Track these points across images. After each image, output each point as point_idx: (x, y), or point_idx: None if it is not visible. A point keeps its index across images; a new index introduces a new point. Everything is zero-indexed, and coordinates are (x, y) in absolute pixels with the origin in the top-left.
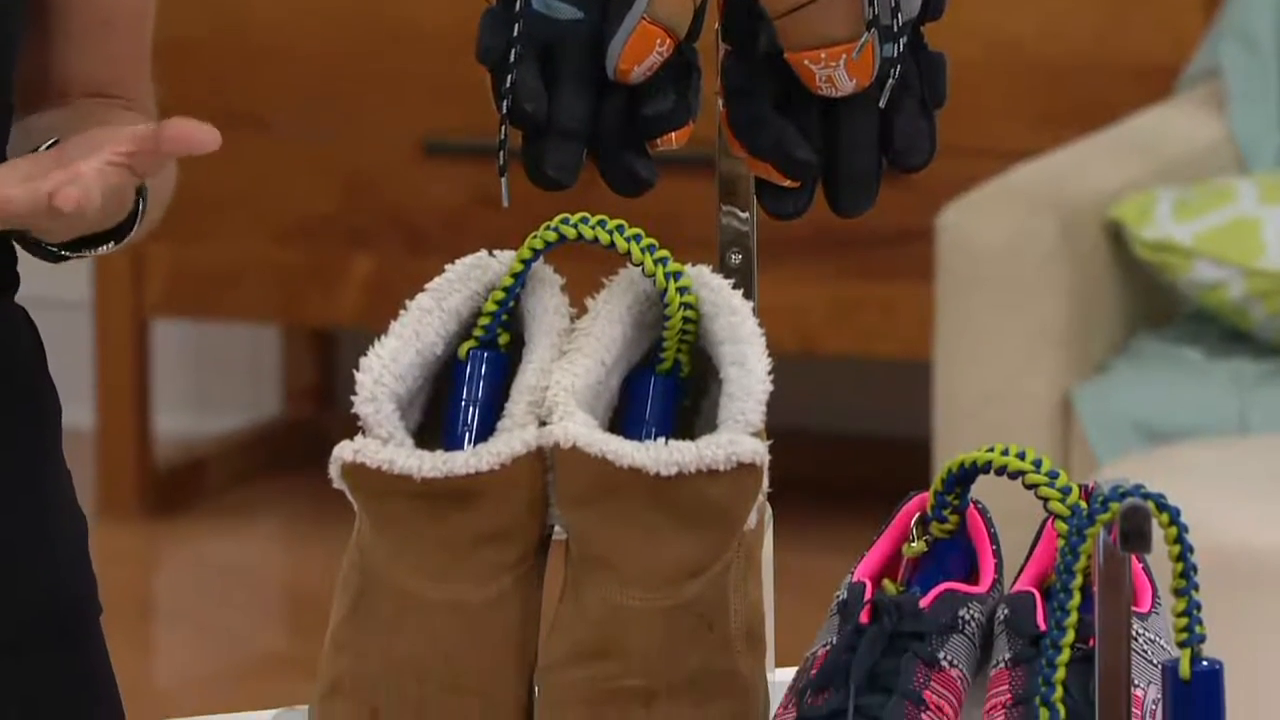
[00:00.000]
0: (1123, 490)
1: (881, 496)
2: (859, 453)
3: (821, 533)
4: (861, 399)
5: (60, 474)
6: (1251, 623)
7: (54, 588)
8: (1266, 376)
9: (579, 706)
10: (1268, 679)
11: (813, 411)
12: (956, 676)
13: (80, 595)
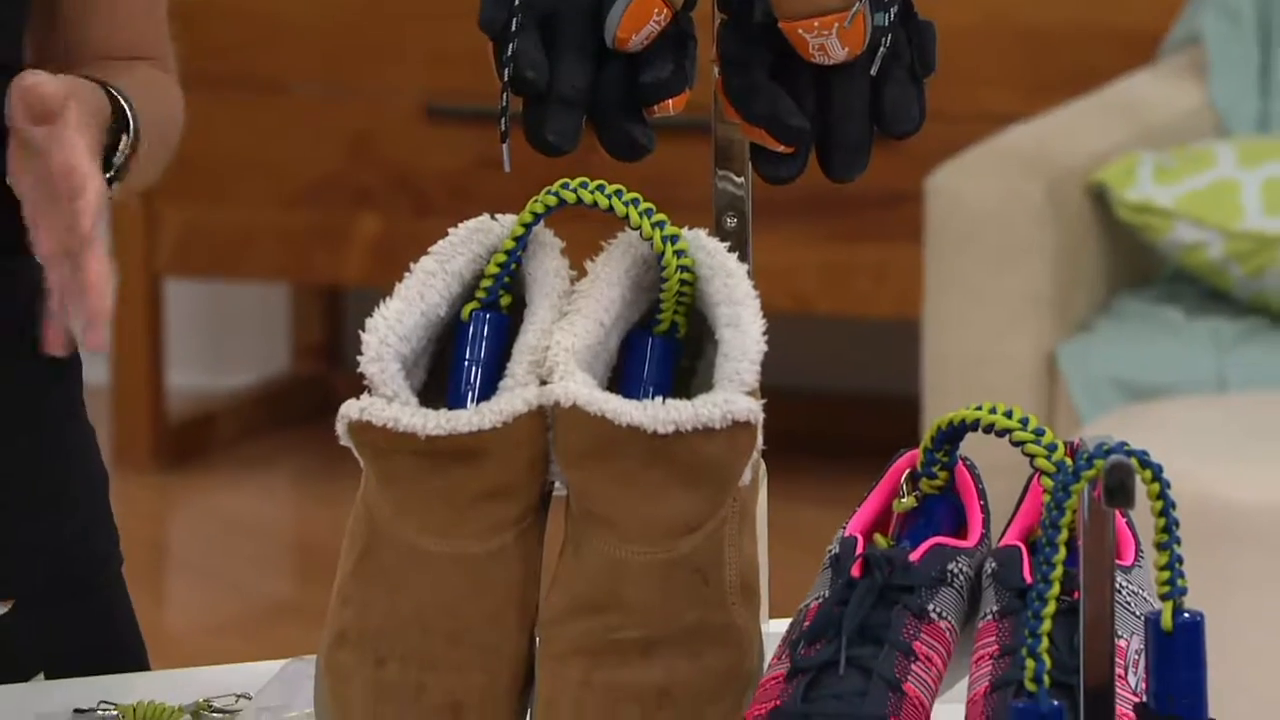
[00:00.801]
0: (1107, 448)
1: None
2: (850, 410)
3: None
4: (853, 358)
5: (84, 430)
6: (1229, 575)
7: (78, 541)
8: (1244, 335)
9: (579, 657)
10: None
11: (805, 370)
12: (945, 628)
13: (103, 548)
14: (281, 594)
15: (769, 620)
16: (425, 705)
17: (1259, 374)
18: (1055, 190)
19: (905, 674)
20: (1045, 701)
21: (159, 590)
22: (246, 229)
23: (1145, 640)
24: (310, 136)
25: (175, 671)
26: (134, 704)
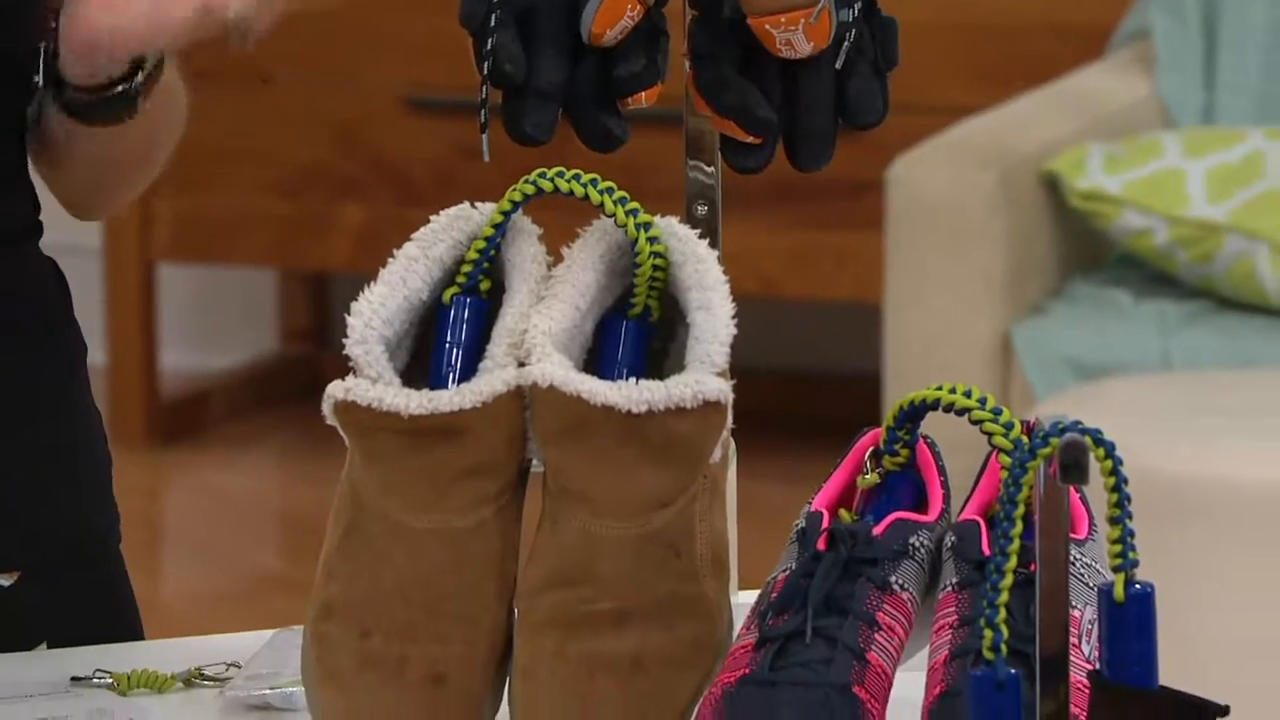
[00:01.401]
0: (1062, 426)
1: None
2: (815, 389)
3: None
4: (817, 339)
5: (89, 411)
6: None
7: (80, 518)
8: (1188, 318)
9: (555, 628)
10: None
11: (773, 351)
12: (907, 599)
13: (104, 526)
14: (270, 566)
15: (738, 592)
16: (408, 675)
17: (1202, 354)
18: (1009, 179)
19: (869, 643)
20: (1002, 669)
21: (153, 563)
22: (236, 216)
23: (1098, 610)
24: (297, 127)
25: (168, 641)
26: (128, 672)
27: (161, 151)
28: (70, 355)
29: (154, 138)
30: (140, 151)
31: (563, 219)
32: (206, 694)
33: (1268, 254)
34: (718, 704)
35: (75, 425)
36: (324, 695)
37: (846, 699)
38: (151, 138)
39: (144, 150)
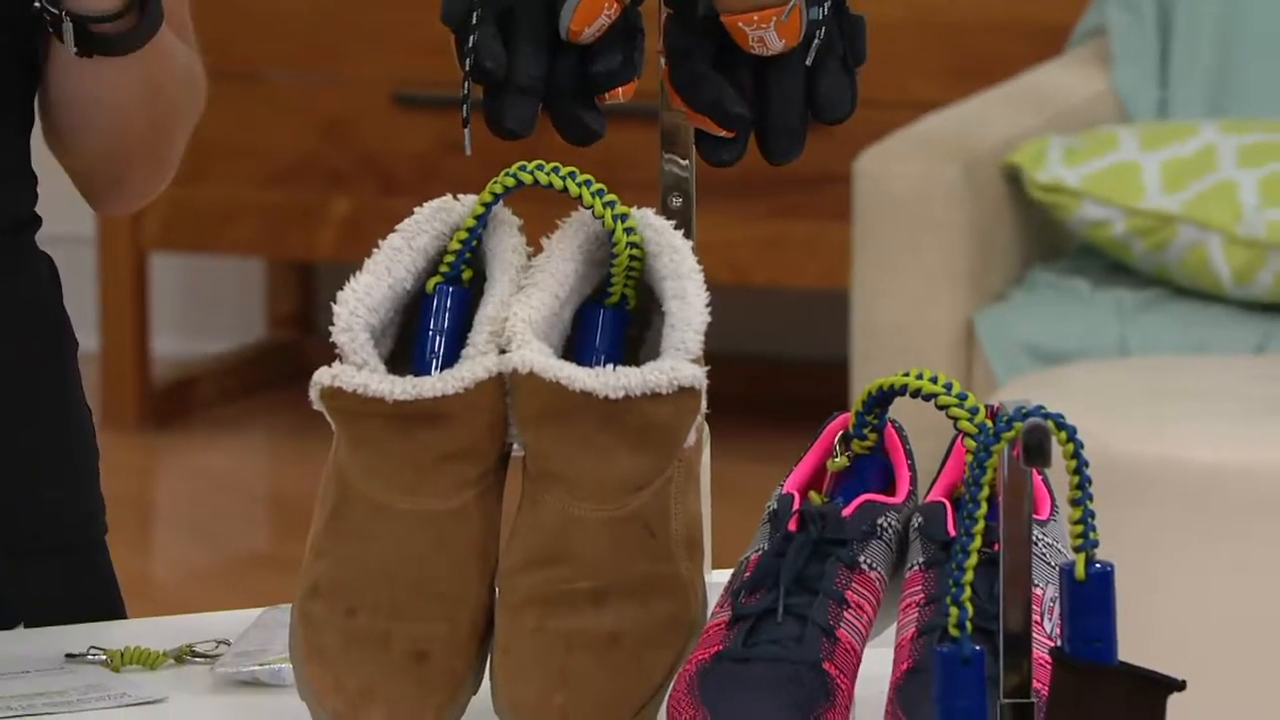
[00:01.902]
0: (1025, 411)
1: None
2: (786, 374)
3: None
4: (787, 326)
5: (79, 404)
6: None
7: (69, 504)
8: (1144, 305)
9: (535, 606)
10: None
11: (745, 338)
12: (875, 578)
13: (89, 514)
14: (258, 546)
15: (712, 571)
16: (392, 652)
17: (1158, 340)
18: (972, 171)
19: (838, 621)
20: (968, 646)
21: (145, 542)
22: (226, 207)
23: (1060, 589)
24: (285, 122)
25: (160, 619)
26: (121, 649)
27: (179, 127)
28: (61, 349)
29: (168, 110)
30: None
31: (542, 210)
32: (197, 670)
33: (1220, 243)
34: (692, 680)
35: (65, 417)
36: (311, 671)
37: (817, 675)
38: (165, 108)
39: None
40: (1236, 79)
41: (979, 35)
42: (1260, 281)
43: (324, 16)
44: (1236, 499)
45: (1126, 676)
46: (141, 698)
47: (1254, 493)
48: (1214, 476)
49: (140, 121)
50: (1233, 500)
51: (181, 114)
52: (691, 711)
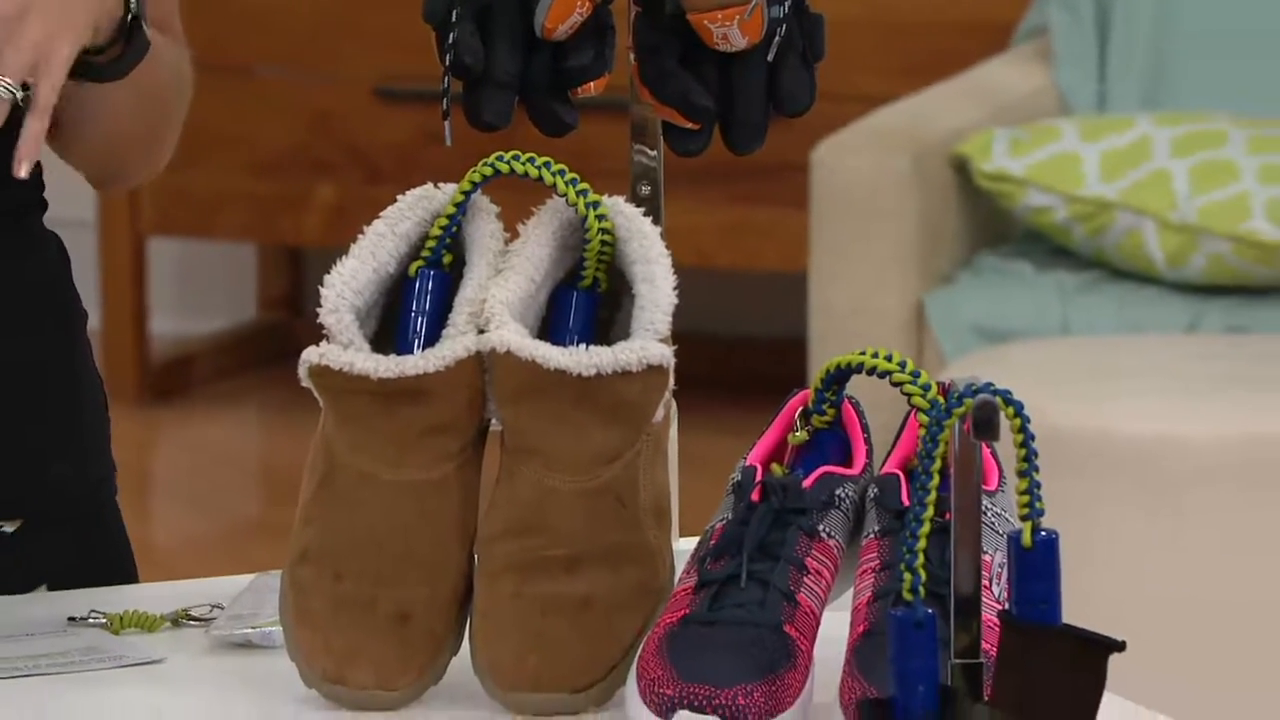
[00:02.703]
0: (975, 387)
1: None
2: (748, 353)
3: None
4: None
5: (90, 373)
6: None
7: (80, 470)
8: (1084, 287)
9: (512, 573)
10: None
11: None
12: (834, 546)
13: (101, 477)
14: (251, 513)
15: (679, 539)
16: (377, 615)
17: (1097, 320)
18: (922, 162)
19: (798, 586)
20: (920, 609)
21: (144, 511)
22: (220, 194)
23: (1007, 556)
24: (275, 115)
25: (157, 584)
26: (120, 613)
27: (170, 123)
28: (72, 322)
29: (160, 110)
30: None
31: (518, 198)
32: (193, 633)
33: (1154, 229)
34: (661, 642)
35: (77, 386)
36: (300, 633)
37: (778, 637)
38: (157, 110)
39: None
40: (1170, 75)
41: (928, 33)
42: (1192, 264)
43: (312, 15)
44: (1171, 468)
45: (1070, 638)
46: (139, 659)
47: (1187, 462)
48: (1150, 448)
49: (133, 125)
50: (1167, 470)
51: (172, 112)
52: (660, 672)
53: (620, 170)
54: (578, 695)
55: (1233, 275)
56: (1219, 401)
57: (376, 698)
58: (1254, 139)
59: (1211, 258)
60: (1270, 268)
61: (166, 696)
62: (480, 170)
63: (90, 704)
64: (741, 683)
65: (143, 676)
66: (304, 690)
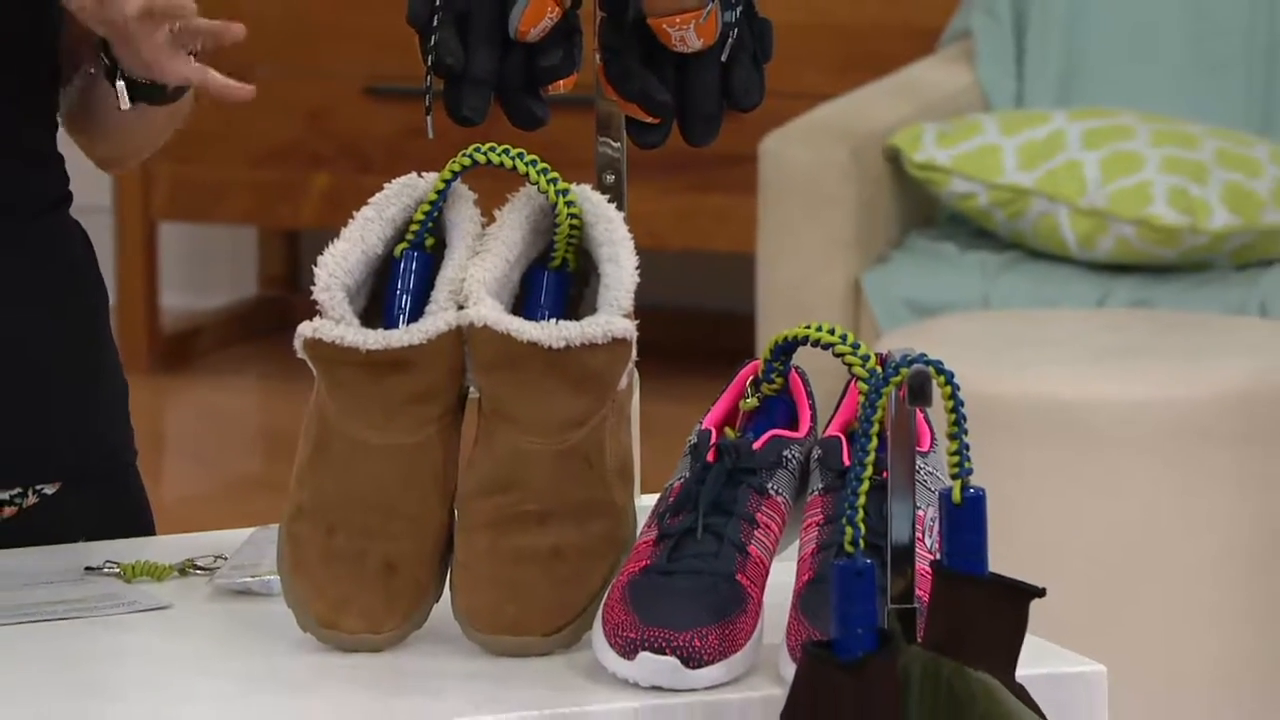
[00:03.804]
0: (910, 358)
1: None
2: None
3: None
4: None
5: (110, 348)
6: (998, 456)
7: (103, 435)
8: (1004, 265)
9: (489, 527)
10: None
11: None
12: (781, 502)
13: (122, 442)
14: (252, 471)
15: (641, 496)
16: (366, 566)
17: (1016, 295)
18: (859, 153)
19: (750, 539)
20: (860, 560)
21: (156, 470)
22: (223, 183)
23: (939, 511)
24: (273, 111)
25: (166, 537)
26: (133, 563)
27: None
28: (95, 303)
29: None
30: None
31: (494, 186)
32: (198, 581)
33: (1067, 214)
34: (624, 589)
35: (100, 359)
36: (296, 582)
37: (731, 585)
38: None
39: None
40: (1081, 74)
41: (864, 37)
42: (1101, 246)
43: (306, 20)
44: (1084, 429)
45: (996, 585)
46: (150, 605)
47: (1098, 423)
48: (1065, 411)
49: (156, 134)
50: (1081, 430)
51: (183, 118)
52: (623, 617)
53: (587, 161)
54: (549, 638)
55: (1137, 255)
56: (1126, 368)
57: (365, 640)
58: (1157, 133)
59: (1118, 240)
60: (1171, 249)
61: (174, 639)
62: (460, 161)
63: (105, 645)
64: (698, 626)
65: (153, 621)
66: (299, 634)
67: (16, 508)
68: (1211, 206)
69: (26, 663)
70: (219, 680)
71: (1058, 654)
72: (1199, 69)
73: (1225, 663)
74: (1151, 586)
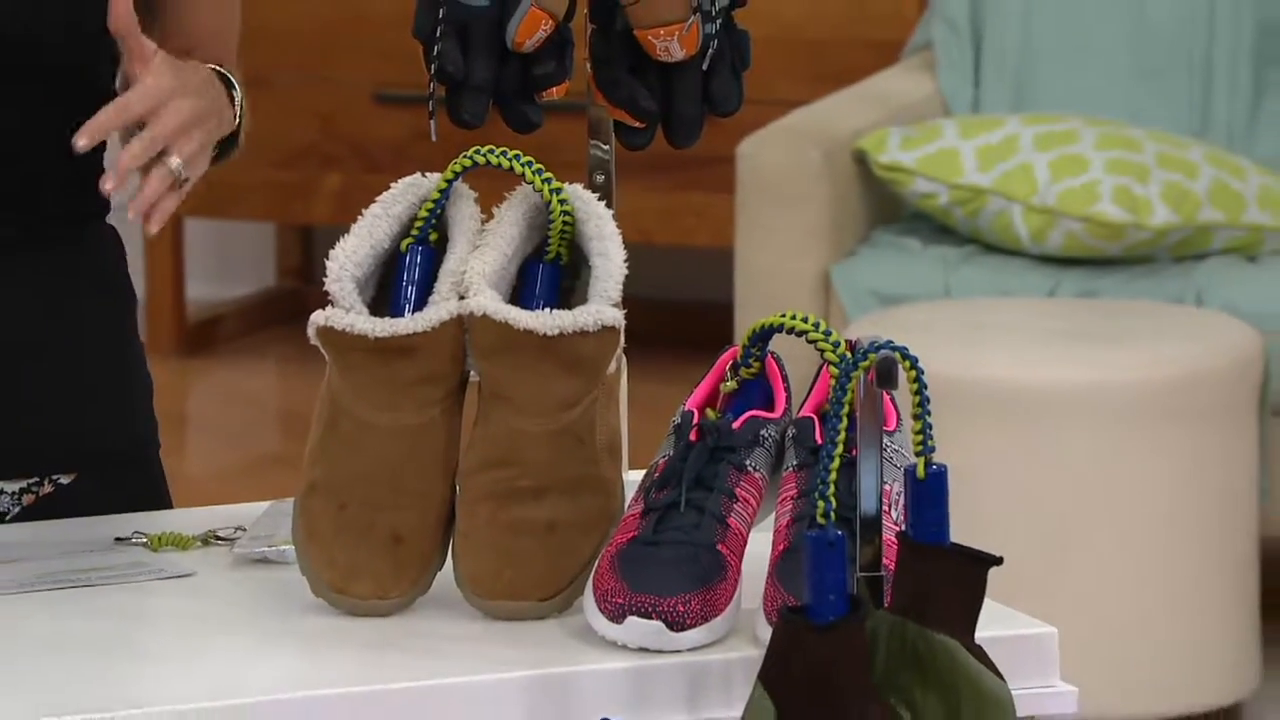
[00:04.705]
0: (877, 344)
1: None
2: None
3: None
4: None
5: (136, 346)
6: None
7: (128, 427)
8: (963, 259)
9: (488, 501)
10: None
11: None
12: (759, 478)
13: (146, 435)
14: (270, 448)
15: (628, 471)
16: (374, 537)
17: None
18: (829, 155)
19: (729, 511)
20: (832, 531)
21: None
22: (244, 183)
23: (904, 486)
24: (290, 116)
25: (190, 510)
26: (159, 534)
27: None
28: (124, 303)
29: None
30: None
31: (493, 185)
32: (220, 551)
33: (1020, 211)
34: (613, 559)
35: (126, 357)
36: (310, 552)
37: (712, 554)
38: None
39: None
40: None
41: (835, 49)
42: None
43: (318, 33)
44: (1037, 408)
45: (957, 554)
46: (175, 572)
47: (1049, 402)
48: (1019, 391)
49: None
50: (1034, 409)
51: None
52: (612, 584)
53: (579, 162)
54: (543, 603)
55: (1085, 250)
56: (1074, 353)
57: (374, 606)
58: (1102, 136)
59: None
60: (1115, 243)
61: (197, 603)
62: (461, 162)
63: (134, 608)
64: (681, 593)
65: (178, 587)
66: (313, 599)
67: (34, 495)
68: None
69: (63, 624)
70: (238, 641)
71: (1013, 617)
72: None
73: (1164, 622)
74: (1097, 553)
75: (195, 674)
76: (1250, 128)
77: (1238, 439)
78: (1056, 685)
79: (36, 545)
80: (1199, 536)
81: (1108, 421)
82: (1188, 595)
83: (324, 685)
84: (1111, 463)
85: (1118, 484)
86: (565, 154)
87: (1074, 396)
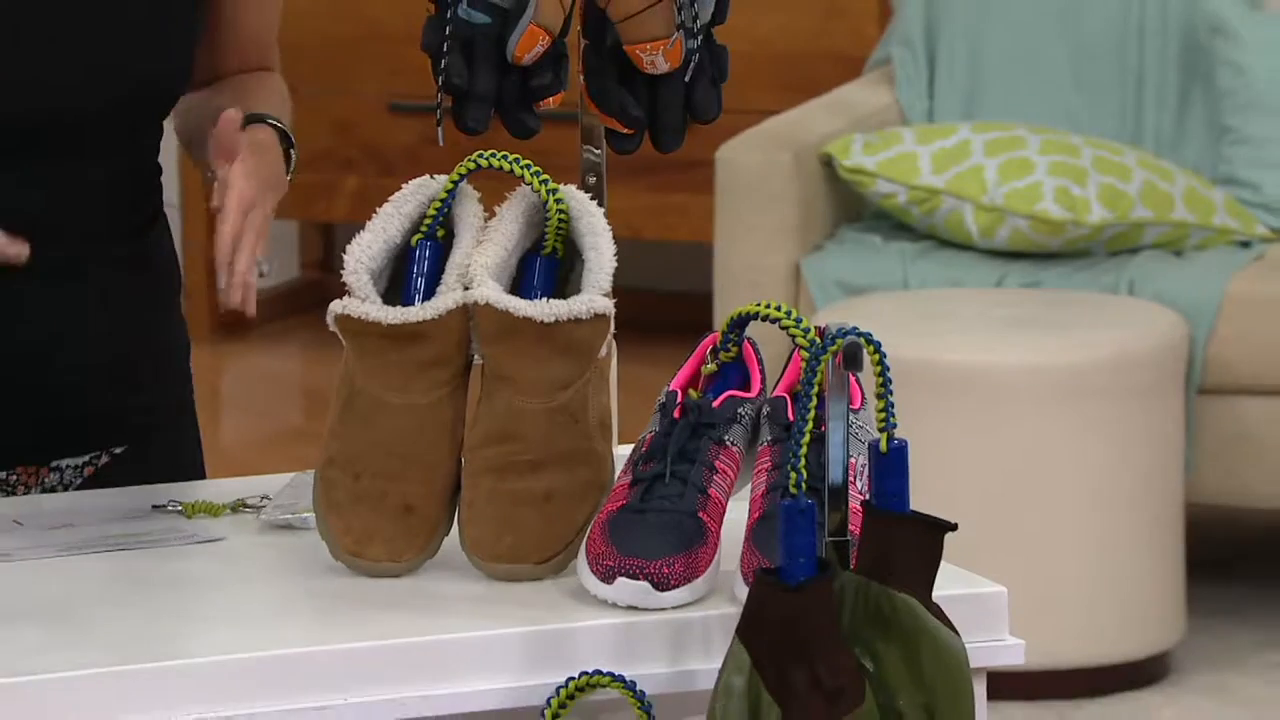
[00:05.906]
0: (844, 330)
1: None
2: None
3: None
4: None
5: (181, 323)
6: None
7: (169, 391)
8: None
9: (490, 474)
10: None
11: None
12: (736, 452)
13: (184, 398)
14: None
15: (618, 446)
16: (387, 505)
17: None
18: (799, 159)
19: (709, 482)
20: (803, 500)
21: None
22: None
23: (869, 459)
24: (309, 123)
25: (221, 480)
26: (192, 502)
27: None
28: (173, 288)
29: None
30: None
31: (495, 186)
32: (247, 517)
33: (971, 210)
34: (604, 525)
35: (173, 332)
36: (328, 519)
37: (694, 521)
38: None
39: None
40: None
41: (803, 63)
42: (999, 236)
43: (336, 47)
44: (987, 388)
45: (916, 521)
46: (207, 537)
47: (997, 382)
48: (970, 372)
49: None
50: (985, 389)
51: None
52: (603, 548)
53: (573, 165)
54: (541, 565)
55: (1029, 244)
56: (1020, 338)
57: (387, 568)
58: (1045, 142)
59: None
60: (1057, 239)
61: (227, 566)
62: (466, 165)
63: (169, 570)
64: (666, 556)
65: (209, 550)
66: (331, 562)
67: (94, 467)
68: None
69: (104, 585)
70: (264, 599)
71: (967, 578)
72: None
73: (1101, 580)
74: (1042, 518)
75: (230, 628)
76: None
77: (1166, 416)
78: (1006, 639)
79: (88, 513)
80: (1131, 503)
81: (1050, 400)
82: (1122, 556)
83: (343, 640)
84: (1054, 437)
85: (1059, 456)
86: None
87: (1020, 377)
